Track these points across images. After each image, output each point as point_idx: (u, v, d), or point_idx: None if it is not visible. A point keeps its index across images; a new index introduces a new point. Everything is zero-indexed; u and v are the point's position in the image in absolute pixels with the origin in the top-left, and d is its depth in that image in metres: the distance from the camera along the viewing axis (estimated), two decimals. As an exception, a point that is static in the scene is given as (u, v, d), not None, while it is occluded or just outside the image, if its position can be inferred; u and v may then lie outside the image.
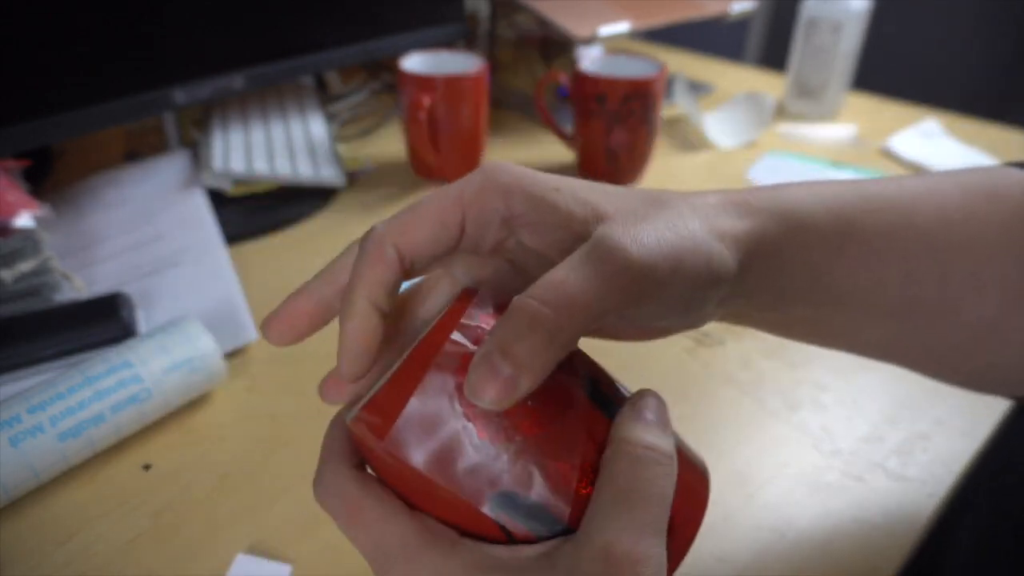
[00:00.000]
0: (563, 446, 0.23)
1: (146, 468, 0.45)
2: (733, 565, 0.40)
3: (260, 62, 0.73)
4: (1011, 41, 1.74)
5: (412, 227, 0.25)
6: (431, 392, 0.22)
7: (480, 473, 0.22)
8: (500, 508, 0.22)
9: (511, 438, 0.22)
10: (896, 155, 0.86)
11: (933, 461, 0.46)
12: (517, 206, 0.26)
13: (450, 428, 0.22)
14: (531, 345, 0.20)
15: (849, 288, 0.29)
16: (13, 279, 0.53)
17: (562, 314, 0.21)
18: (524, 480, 0.22)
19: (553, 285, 0.21)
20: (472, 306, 0.24)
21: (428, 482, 0.22)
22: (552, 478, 0.22)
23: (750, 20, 2.00)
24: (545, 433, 0.23)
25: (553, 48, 0.90)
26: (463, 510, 0.22)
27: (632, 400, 0.25)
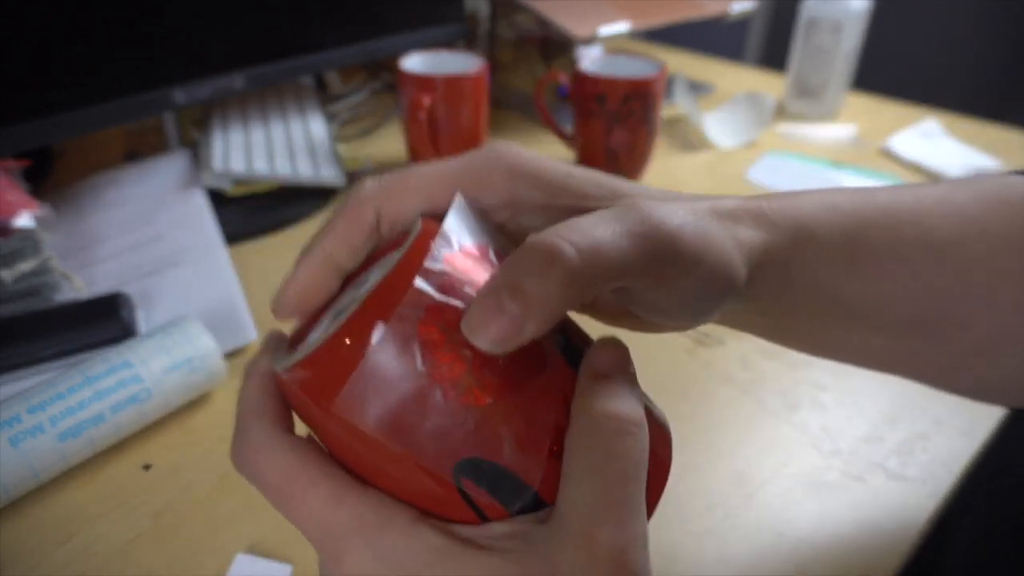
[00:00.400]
0: (536, 408, 0.21)
1: (146, 468, 0.45)
2: (733, 565, 0.40)
3: (260, 62, 0.73)
4: (1011, 41, 1.74)
5: (398, 195, 0.24)
6: (390, 346, 0.19)
7: (445, 437, 0.20)
8: (465, 475, 0.20)
9: (481, 400, 0.20)
10: (896, 155, 0.86)
11: (933, 461, 0.46)
12: (523, 190, 0.24)
13: (412, 388, 0.19)
14: (547, 285, 0.18)
15: (858, 304, 0.28)
16: (13, 279, 0.53)
17: (587, 259, 0.19)
18: (493, 445, 0.20)
19: (580, 229, 0.20)
20: (436, 245, 0.21)
21: (383, 449, 0.20)
22: (523, 443, 0.21)
23: (750, 20, 2.00)
24: (518, 395, 0.21)
25: (553, 48, 0.90)
26: (423, 480, 0.20)
27: (592, 358, 0.22)
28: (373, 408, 0.19)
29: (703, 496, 0.44)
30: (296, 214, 0.71)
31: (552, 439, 0.21)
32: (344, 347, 0.19)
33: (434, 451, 0.20)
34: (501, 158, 0.24)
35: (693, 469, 0.45)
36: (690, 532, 0.41)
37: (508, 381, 0.21)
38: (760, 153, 0.86)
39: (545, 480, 0.21)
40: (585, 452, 0.20)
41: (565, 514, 0.20)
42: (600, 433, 0.20)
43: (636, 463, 0.20)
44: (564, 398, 0.22)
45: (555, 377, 0.22)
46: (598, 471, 0.20)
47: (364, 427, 0.20)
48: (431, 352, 0.20)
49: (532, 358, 0.21)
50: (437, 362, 0.20)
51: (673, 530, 0.41)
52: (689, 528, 0.41)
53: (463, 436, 0.20)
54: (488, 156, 0.24)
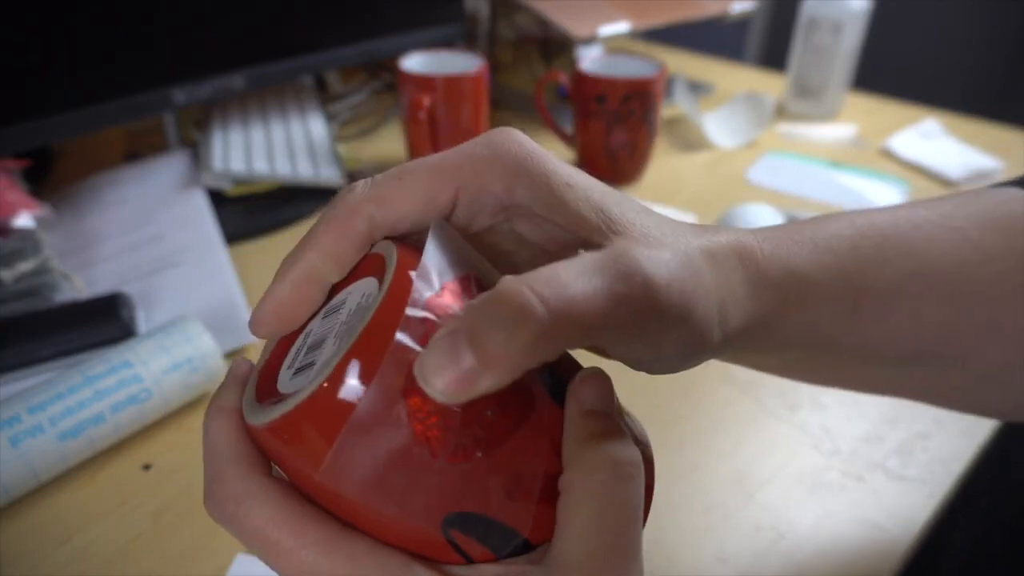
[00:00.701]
0: (525, 457, 0.20)
1: (146, 468, 0.45)
2: (733, 565, 0.40)
3: (260, 62, 0.73)
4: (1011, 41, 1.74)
5: (395, 199, 0.22)
6: (375, 406, 0.18)
7: (433, 495, 0.19)
8: (454, 527, 0.20)
9: (470, 456, 0.19)
10: (896, 155, 0.86)
11: (933, 461, 0.46)
12: (520, 194, 0.22)
13: (399, 447, 0.19)
14: (509, 341, 0.17)
15: (856, 348, 0.27)
16: (13, 279, 0.53)
17: (558, 319, 0.18)
18: (482, 498, 0.20)
19: (556, 283, 0.18)
20: (416, 288, 0.20)
21: (371, 510, 0.19)
22: (512, 493, 0.20)
23: (750, 20, 2.00)
24: (506, 446, 0.20)
25: (553, 48, 0.90)
26: (412, 532, 0.20)
27: (580, 392, 0.21)
28: (360, 473, 0.19)
29: (703, 496, 0.44)
30: (296, 214, 0.71)
31: (541, 485, 0.21)
32: (327, 407, 0.18)
33: (422, 508, 0.19)
34: (501, 154, 0.22)
35: (693, 469, 0.45)
36: (690, 532, 0.41)
37: (496, 433, 0.20)
38: (760, 153, 0.86)
39: (535, 526, 0.21)
40: (583, 499, 0.20)
41: (563, 560, 0.19)
42: (598, 480, 0.20)
43: (635, 508, 0.20)
44: (551, 440, 0.21)
45: (541, 418, 0.21)
46: (598, 519, 0.19)
47: (350, 493, 0.19)
48: (417, 410, 0.19)
49: (519, 403, 0.21)
50: (423, 421, 0.19)
51: (673, 530, 0.41)
52: (689, 528, 0.41)
53: (452, 492, 0.19)
54: (489, 151, 0.23)
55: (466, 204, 0.23)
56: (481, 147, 0.23)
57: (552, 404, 0.21)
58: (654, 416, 0.49)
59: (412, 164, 0.23)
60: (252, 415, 0.20)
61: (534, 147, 0.23)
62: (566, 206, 0.22)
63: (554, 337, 0.18)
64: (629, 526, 0.20)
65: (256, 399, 0.21)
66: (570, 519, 0.20)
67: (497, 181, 0.22)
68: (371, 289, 0.21)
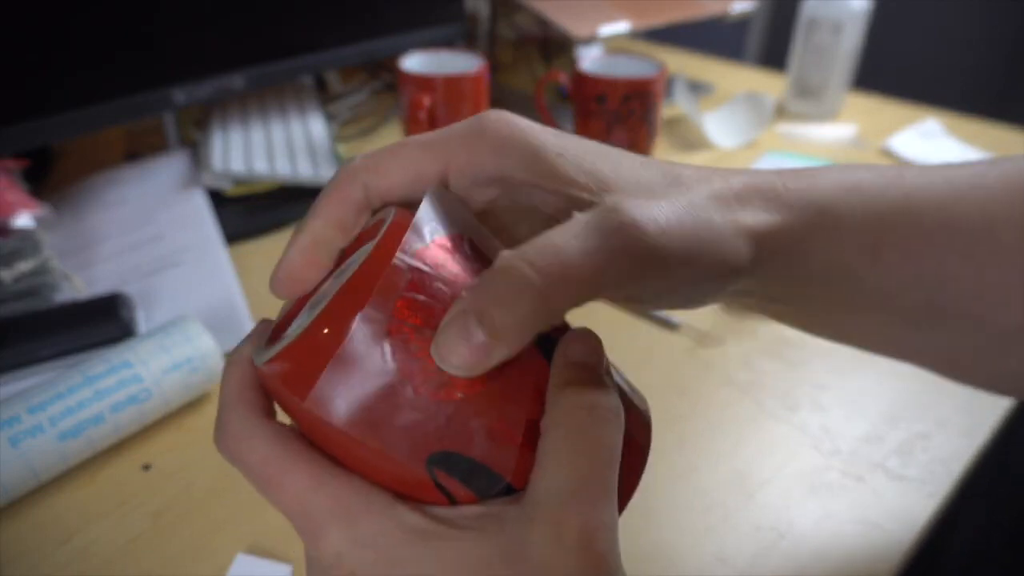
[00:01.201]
0: (508, 401, 0.21)
1: (146, 468, 0.45)
2: (733, 565, 0.40)
3: (260, 62, 0.73)
4: (1011, 41, 1.74)
5: (388, 169, 0.23)
6: (361, 343, 0.20)
7: (416, 432, 0.20)
8: (438, 467, 0.21)
9: (451, 395, 0.20)
10: (896, 155, 0.86)
11: (933, 461, 0.46)
12: (511, 166, 0.23)
13: (383, 383, 0.20)
14: (513, 314, 0.19)
15: (876, 292, 0.27)
16: (13, 279, 0.53)
17: (554, 285, 0.19)
18: (465, 439, 0.21)
19: (549, 250, 0.19)
20: (407, 240, 0.21)
21: (356, 443, 0.20)
22: (495, 436, 0.21)
23: (750, 20, 2.00)
24: (489, 389, 0.21)
25: (553, 48, 0.90)
26: (397, 470, 0.21)
27: (567, 347, 0.22)
28: (345, 404, 0.20)
29: (703, 496, 0.44)
30: (296, 214, 0.71)
31: (524, 430, 0.21)
32: (316, 342, 0.20)
33: (406, 445, 0.20)
34: (490, 131, 0.23)
35: (693, 469, 0.45)
36: (690, 532, 0.41)
37: (480, 376, 0.20)
38: (760, 153, 0.86)
39: (517, 470, 0.21)
40: (561, 438, 0.20)
41: (537, 497, 0.20)
42: (576, 419, 0.21)
43: (611, 450, 0.21)
44: (537, 389, 0.22)
45: (528, 368, 0.22)
46: (573, 457, 0.20)
47: (336, 422, 0.20)
48: (402, 348, 0.20)
49: None
50: (409, 358, 0.20)
51: (673, 530, 0.41)
52: (689, 528, 0.41)
53: (435, 430, 0.20)
54: (477, 128, 0.24)
55: (457, 178, 0.24)
56: (471, 125, 0.24)
57: (539, 357, 0.22)
58: (654, 416, 0.49)
59: (407, 139, 0.24)
60: (257, 358, 0.22)
61: (524, 122, 0.24)
62: (558, 173, 0.23)
63: (554, 301, 0.19)
64: (604, 466, 0.20)
65: (264, 347, 0.23)
66: (547, 458, 0.20)
67: (487, 156, 0.23)
68: (366, 250, 0.22)
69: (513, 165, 0.23)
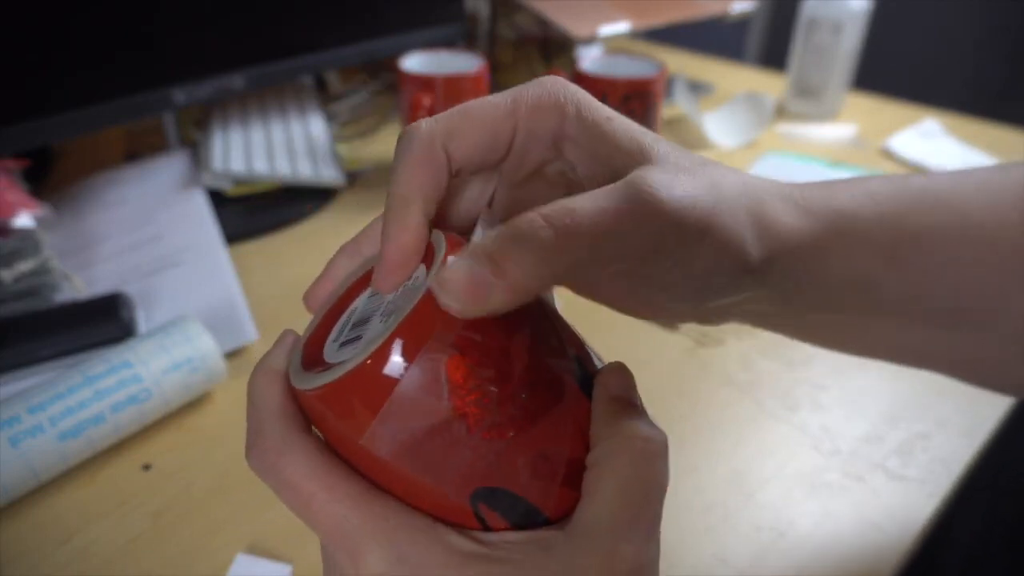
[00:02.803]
0: (553, 441, 0.22)
1: (146, 468, 0.45)
2: (733, 566, 0.40)
3: (260, 62, 0.73)
4: (1011, 41, 1.74)
5: (463, 131, 0.23)
6: (419, 380, 0.20)
7: (466, 468, 0.20)
8: (482, 501, 0.21)
9: (503, 434, 0.21)
10: (896, 155, 0.86)
11: (933, 461, 0.46)
12: (570, 127, 0.24)
13: (438, 421, 0.20)
14: (521, 259, 0.19)
15: (896, 297, 0.27)
16: (13, 279, 0.53)
17: (562, 238, 0.19)
18: (511, 475, 0.21)
19: (563, 208, 0.20)
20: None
21: (407, 476, 0.20)
22: (539, 473, 0.21)
23: (750, 20, 1.99)
24: (537, 428, 0.21)
25: (553, 48, 0.90)
26: (440, 500, 0.21)
27: (607, 381, 0.23)
28: (400, 440, 0.20)
29: (703, 496, 0.44)
30: (296, 214, 0.71)
31: (565, 468, 0.22)
32: (374, 378, 0.20)
33: (454, 480, 0.21)
34: (554, 92, 0.24)
35: (693, 469, 0.45)
36: (690, 532, 0.41)
37: (528, 414, 0.21)
38: (760, 153, 0.86)
39: (557, 507, 0.22)
40: (611, 472, 0.21)
41: (587, 528, 0.20)
42: (629, 452, 0.21)
43: (661, 484, 0.21)
44: (578, 427, 0.22)
45: (570, 407, 0.22)
46: (625, 490, 0.20)
47: (388, 460, 0.20)
48: (458, 386, 0.20)
49: (551, 389, 0.22)
50: (463, 397, 0.20)
51: (673, 530, 0.41)
52: (689, 528, 0.41)
53: (484, 467, 0.21)
54: (542, 90, 0.24)
55: (523, 139, 0.25)
56: (535, 87, 0.25)
57: (580, 395, 0.23)
58: (654, 416, 0.49)
59: (472, 103, 0.24)
60: (299, 380, 0.22)
61: (579, 88, 0.25)
62: (606, 137, 0.24)
63: (562, 253, 0.19)
64: (652, 501, 0.21)
65: (302, 367, 0.23)
66: (597, 490, 0.21)
67: (551, 117, 0.24)
68: (420, 273, 0.22)
69: (572, 127, 0.24)
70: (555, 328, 0.23)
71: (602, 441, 0.21)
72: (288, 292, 0.60)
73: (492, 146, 0.24)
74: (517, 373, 0.21)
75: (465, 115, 0.24)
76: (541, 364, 0.21)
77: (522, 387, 0.21)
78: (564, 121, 0.24)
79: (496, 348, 0.21)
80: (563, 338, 0.23)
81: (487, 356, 0.21)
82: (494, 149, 0.24)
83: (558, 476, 0.22)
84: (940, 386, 0.52)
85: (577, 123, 0.24)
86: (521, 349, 0.21)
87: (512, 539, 0.21)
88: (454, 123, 0.23)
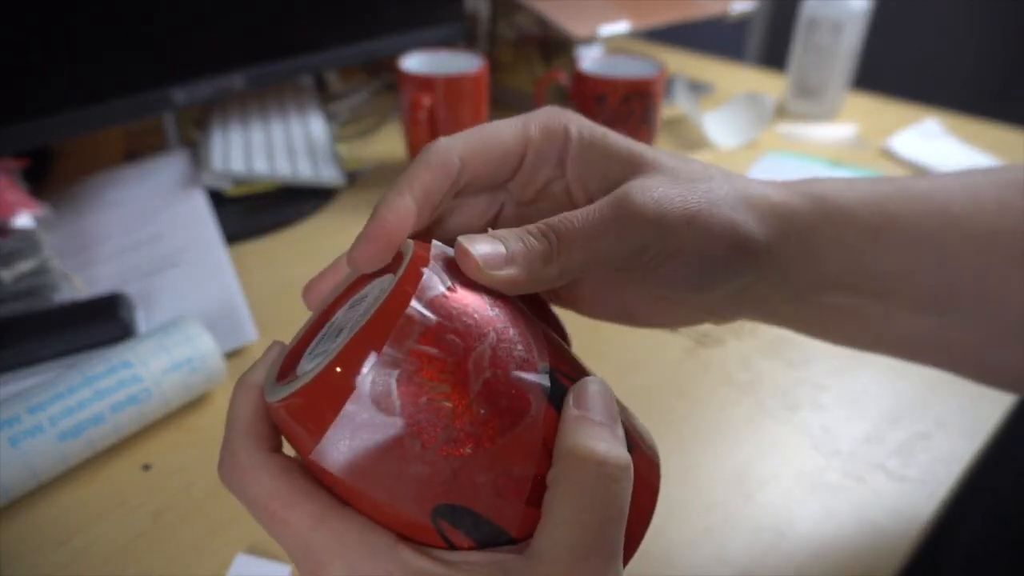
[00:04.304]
0: (516, 457, 0.21)
1: (146, 468, 0.45)
2: (733, 566, 0.40)
3: (260, 62, 0.73)
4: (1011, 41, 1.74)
5: (479, 148, 0.26)
6: (369, 395, 0.19)
7: (423, 486, 0.20)
8: (442, 518, 0.20)
9: (459, 451, 0.20)
10: (896, 155, 0.86)
11: (934, 461, 0.46)
12: (572, 147, 0.27)
13: (391, 436, 0.19)
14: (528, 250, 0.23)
15: (885, 274, 0.28)
16: (13, 279, 0.53)
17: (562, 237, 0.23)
18: (471, 493, 0.20)
19: (563, 217, 0.24)
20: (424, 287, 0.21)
21: (361, 494, 0.20)
22: (501, 491, 0.21)
23: (750, 20, 1.99)
24: (497, 445, 0.20)
25: (553, 48, 0.90)
26: (400, 516, 0.21)
27: (575, 396, 0.22)
28: (351, 456, 0.20)
29: (703, 496, 0.44)
30: (296, 214, 0.71)
31: (531, 486, 0.21)
32: (325, 393, 0.20)
33: (412, 497, 0.20)
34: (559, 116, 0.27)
35: (693, 469, 0.45)
36: (690, 532, 0.41)
37: (488, 431, 0.20)
38: (760, 153, 0.86)
39: (522, 525, 0.21)
40: (567, 494, 0.20)
41: (546, 551, 0.20)
42: (585, 476, 0.20)
43: (620, 509, 0.21)
44: (544, 443, 0.21)
45: (537, 422, 0.21)
46: (578, 515, 0.20)
47: (341, 475, 0.20)
48: (412, 401, 0.20)
49: (513, 405, 0.21)
50: (418, 411, 0.20)
51: (673, 530, 0.41)
52: (689, 528, 0.41)
53: (442, 484, 0.20)
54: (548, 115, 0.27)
55: (532, 159, 0.27)
56: (542, 114, 0.27)
57: (550, 410, 0.22)
58: (654, 416, 0.49)
59: (487, 125, 0.27)
60: (269, 393, 0.22)
61: (579, 115, 0.28)
62: (603, 150, 0.27)
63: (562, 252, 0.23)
64: (609, 526, 0.20)
65: (276, 379, 0.23)
66: (552, 514, 0.20)
67: (557, 138, 0.27)
68: (386, 284, 0.22)
69: (574, 146, 0.27)
70: (530, 340, 0.22)
71: (559, 460, 0.21)
72: (288, 292, 0.60)
73: (504, 164, 0.27)
74: (476, 388, 0.20)
75: (483, 133, 0.26)
76: (505, 379, 0.21)
77: (481, 402, 0.20)
78: (567, 142, 0.27)
79: (453, 363, 0.20)
80: (537, 351, 0.22)
81: (442, 371, 0.20)
82: (505, 167, 0.27)
83: (523, 494, 0.21)
84: (940, 386, 0.52)
85: (578, 143, 0.27)
86: (481, 363, 0.21)
87: (473, 559, 0.21)
88: (471, 140, 0.26)
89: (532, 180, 0.28)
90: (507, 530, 0.21)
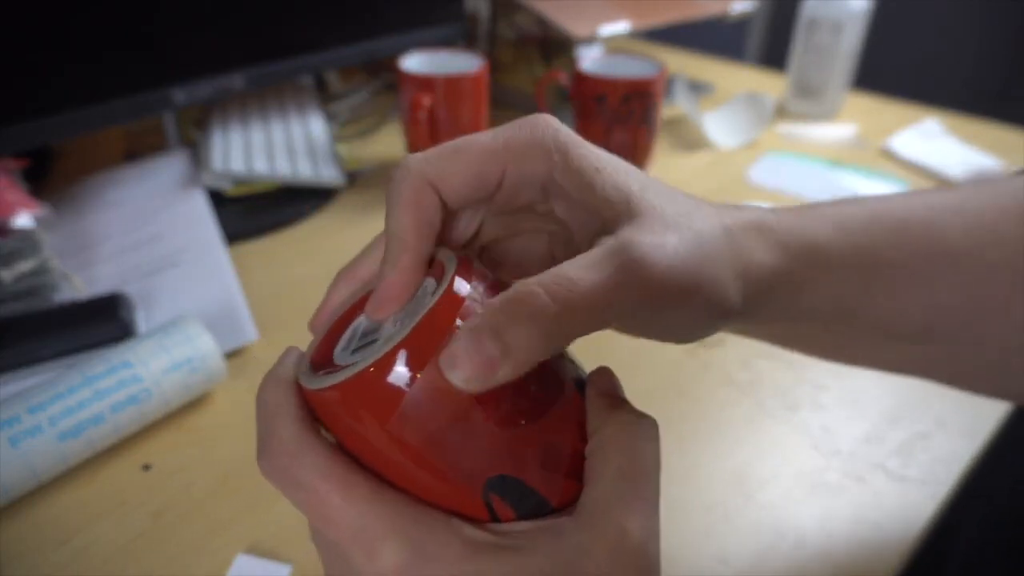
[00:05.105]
0: (558, 432, 0.23)
1: (146, 468, 0.45)
2: (733, 566, 0.40)
3: (260, 62, 0.73)
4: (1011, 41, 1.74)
5: (452, 171, 0.24)
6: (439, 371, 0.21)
7: (479, 457, 0.21)
8: (494, 490, 0.22)
9: (516, 422, 0.22)
10: (896, 155, 0.86)
11: (934, 461, 0.46)
12: (558, 175, 0.25)
13: (458, 409, 0.21)
14: (526, 335, 0.20)
15: (872, 322, 0.28)
16: (13, 279, 0.53)
17: (566, 312, 0.20)
18: (522, 464, 0.22)
19: (565, 280, 0.21)
20: (475, 280, 0.23)
21: (427, 463, 0.21)
22: (548, 464, 0.23)
23: (750, 20, 1.99)
24: (545, 419, 0.23)
25: (553, 48, 0.90)
26: (452, 491, 0.22)
27: (599, 381, 0.25)
28: (421, 430, 0.21)
29: (703, 496, 0.44)
30: (296, 214, 0.71)
31: (569, 460, 0.23)
32: (399, 368, 0.21)
33: (470, 467, 0.21)
34: (541, 139, 0.25)
35: (693, 469, 0.45)
36: (690, 533, 0.41)
37: (537, 406, 0.22)
38: (760, 153, 0.86)
39: (563, 497, 0.23)
40: (612, 453, 0.22)
41: (595, 508, 0.21)
42: (624, 436, 0.22)
43: (656, 463, 0.23)
44: (576, 421, 0.24)
45: (570, 401, 0.24)
46: (624, 470, 0.22)
47: (412, 445, 0.21)
48: None
49: (554, 385, 0.23)
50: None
51: (673, 530, 0.41)
52: (689, 528, 0.41)
53: (496, 456, 0.22)
54: (530, 136, 0.25)
55: (512, 180, 0.25)
56: (525, 131, 0.25)
57: (576, 393, 0.24)
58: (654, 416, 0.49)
59: (462, 142, 0.24)
60: (312, 382, 0.22)
61: (569, 133, 0.25)
62: (594, 190, 0.24)
63: (564, 326, 0.20)
64: (651, 477, 0.22)
65: (312, 372, 0.23)
66: (599, 475, 0.22)
67: (539, 163, 0.24)
68: (431, 286, 0.24)
69: (560, 176, 0.25)
70: None
71: (598, 431, 0.23)
72: (288, 292, 0.60)
73: (480, 186, 0.25)
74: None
75: (456, 154, 0.24)
76: (546, 360, 0.22)
77: (533, 379, 0.22)
78: (552, 170, 0.25)
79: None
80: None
81: None
82: (482, 188, 0.25)
83: (563, 467, 0.23)
84: (940, 386, 0.52)
85: (564, 173, 0.24)
86: None
87: (523, 528, 0.22)
88: (444, 162, 0.24)
89: (513, 200, 0.26)
90: (549, 500, 0.22)
